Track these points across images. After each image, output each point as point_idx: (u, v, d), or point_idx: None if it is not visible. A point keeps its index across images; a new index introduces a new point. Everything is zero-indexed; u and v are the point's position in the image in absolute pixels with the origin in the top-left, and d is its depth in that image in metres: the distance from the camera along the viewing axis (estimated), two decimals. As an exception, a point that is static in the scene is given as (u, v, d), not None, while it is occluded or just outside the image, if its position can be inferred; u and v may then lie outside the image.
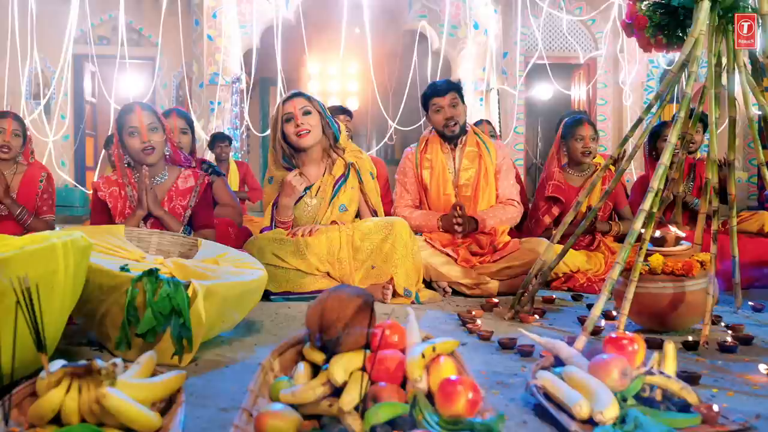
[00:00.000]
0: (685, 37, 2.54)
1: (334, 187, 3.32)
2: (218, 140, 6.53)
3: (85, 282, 1.83)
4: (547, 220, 3.90)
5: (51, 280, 1.59)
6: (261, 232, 3.31)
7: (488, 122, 5.27)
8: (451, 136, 3.69)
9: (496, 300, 3.04)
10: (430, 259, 3.42)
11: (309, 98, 3.27)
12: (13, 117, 3.70)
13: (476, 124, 5.10)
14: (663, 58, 10.18)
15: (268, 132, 9.69)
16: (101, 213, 2.99)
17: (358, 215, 3.43)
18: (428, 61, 9.40)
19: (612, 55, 10.42)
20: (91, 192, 8.84)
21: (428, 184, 3.70)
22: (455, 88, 3.69)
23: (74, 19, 8.40)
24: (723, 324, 2.54)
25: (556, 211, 3.87)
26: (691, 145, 3.80)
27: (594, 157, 3.95)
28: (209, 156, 7.13)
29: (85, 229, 2.45)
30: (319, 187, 3.31)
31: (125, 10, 8.87)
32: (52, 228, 3.78)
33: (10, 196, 3.58)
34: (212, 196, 3.16)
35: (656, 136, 3.99)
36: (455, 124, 3.64)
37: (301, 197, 3.28)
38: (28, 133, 3.80)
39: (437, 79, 9.13)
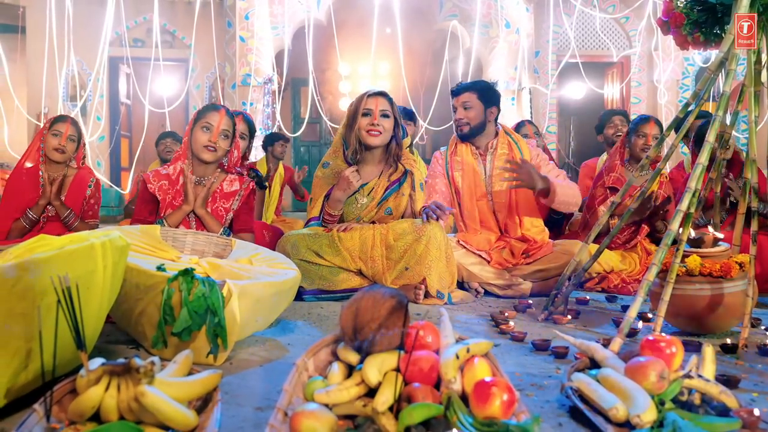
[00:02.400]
0: (723, 35, 2.49)
1: (386, 190, 3.33)
2: (281, 139, 6.65)
3: (123, 281, 1.86)
4: (603, 209, 3.86)
5: (90, 279, 1.61)
6: (307, 222, 3.33)
7: (531, 123, 5.08)
8: (461, 136, 3.63)
9: (529, 301, 3.01)
10: (463, 260, 3.40)
11: (392, 102, 3.27)
12: (71, 122, 3.79)
13: (519, 125, 4.99)
14: (699, 56, 10.03)
15: (300, 133, 9.68)
16: (149, 203, 3.06)
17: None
18: (459, 60, 9.38)
19: (646, 53, 10.29)
20: (124, 191, 8.96)
21: (460, 187, 3.62)
22: (473, 88, 3.60)
23: (110, 21, 8.54)
24: (763, 327, 2.50)
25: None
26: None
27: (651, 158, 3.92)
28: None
29: (122, 229, 2.49)
30: (373, 187, 3.32)
31: (159, 12, 8.99)
32: (95, 232, 3.86)
33: (59, 198, 3.67)
34: (254, 203, 3.20)
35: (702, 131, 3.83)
36: (465, 125, 3.57)
37: (354, 194, 3.29)
38: (83, 138, 3.89)
39: (468, 79, 9.17)
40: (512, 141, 3.65)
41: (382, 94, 3.28)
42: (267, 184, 4.60)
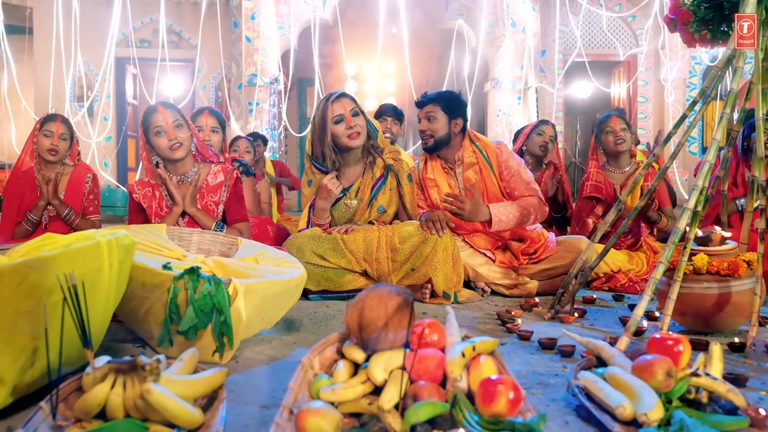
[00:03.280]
0: (730, 32, 2.48)
1: (372, 188, 3.30)
2: (242, 139, 6.19)
3: (129, 280, 1.86)
4: (591, 221, 3.85)
5: (96, 277, 1.62)
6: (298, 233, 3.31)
7: (552, 124, 4.90)
8: (427, 149, 3.54)
9: (536, 300, 3.00)
10: (469, 260, 3.38)
11: (354, 99, 3.23)
12: (61, 120, 3.73)
13: (540, 123, 4.83)
14: (706, 54, 10.00)
15: (306, 132, 9.73)
16: (138, 213, 3.05)
17: (396, 218, 3.40)
18: (465, 59, 9.37)
19: (653, 52, 10.27)
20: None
21: (439, 204, 3.49)
22: (437, 99, 3.48)
23: (116, 22, 8.58)
24: (770, 325, 2.48)
25: (599, 210, 3.83)
26: None
27: (628, 147, 3.90)
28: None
29: (129, 227, 2.50)
30: (359, 188, 3.30)
31: (165, 13, 9.03)
32: (98, 228, 3.82)
33: (58, 197, 3.64)
34: (242, 191, 3.16)
35: (751, 128, 3.68)
36: (429, 137, 3.48)
37: (339, 199, 3.27)
38: (75, 135, 3.84)
39: (474, 78, 9.16)
40: (477, 149, 3.53)
41: (344, 95, 3.22)
42: (254, 172, 4.52)
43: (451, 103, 3.49)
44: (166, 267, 2.03)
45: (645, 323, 2.45)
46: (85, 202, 3.78)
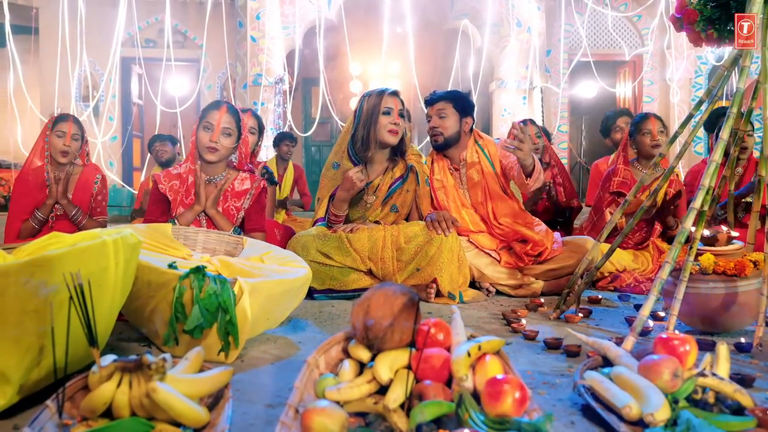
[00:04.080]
0: (737, 31, 2.47)
1: (390, 186, 3.32)
2: (287, 139, 6.67)
3: (134, 279, 1.86)
4: (610, 212, 3.84)
5: (102, 276, 1.62)
6: (314, 223, 3.32)
7: (533, 122, 4.96)
8: (436, 147, 3.59)
9: (541, 300, 3.00)
10: (475, 260, 3.38)
11: (403, 102, 3.28)
12: (72, 120, 3.74)
13: (522, 123, 4.88)
14: (711, 54, 9.98)
15: (311, 132, 9.67)
16: (160, 203, 3.06)
17: (408, 219, 3.41)
18: (470, 59, 9.36)
19: (659, 52, 10.24)
20: (136, 191, 9.04)
21: (446, 204, 3.57)
22: (448, 97, 3.54)
23: (122, 22, 8.60)
24: (777, 326, 2.47)
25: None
26: (742, 151, 3.65)
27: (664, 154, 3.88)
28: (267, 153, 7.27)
29: (134, 227, 2.50)
30: (378, 185, 3.31)
31: (171, 13, 9.04)
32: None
33: (66, 197, 3.65)
34: (265, 201, 3.18)
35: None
36: (439, 135, 3.52)
37: (360, 193, 3.27)
38: (85, 135, 3.84)
39: (479, 78, 9.15)
40: (479, 148, 3.57)
41: (397, 93, 3.28)
42: (277, 181, 4.58)
43: (462, 102, 3.53)
44: (171, 266, 2.04)
45: (651, 323, 2.44)
46: (93, 202, 3.79)
